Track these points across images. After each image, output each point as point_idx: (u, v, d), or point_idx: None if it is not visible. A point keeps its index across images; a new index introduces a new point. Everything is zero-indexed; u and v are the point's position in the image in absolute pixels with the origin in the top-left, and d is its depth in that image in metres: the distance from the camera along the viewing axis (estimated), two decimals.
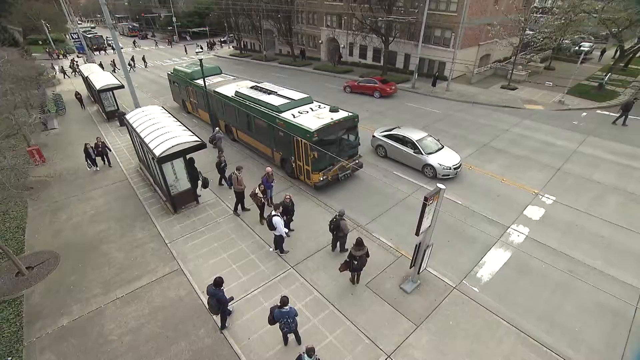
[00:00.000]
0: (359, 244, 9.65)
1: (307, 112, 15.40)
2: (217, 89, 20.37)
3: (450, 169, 15.88)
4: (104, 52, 61.97)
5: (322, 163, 14.58)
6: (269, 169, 13.71)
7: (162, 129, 14.06)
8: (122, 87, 25.02)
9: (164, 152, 12.55)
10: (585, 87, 30.54)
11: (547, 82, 31.87)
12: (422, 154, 16.49)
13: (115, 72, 45.48)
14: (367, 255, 9.85)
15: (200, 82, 21.67)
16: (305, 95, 16.97)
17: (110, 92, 25.25)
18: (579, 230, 12.93)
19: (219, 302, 8.84)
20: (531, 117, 24.47)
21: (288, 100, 16.21)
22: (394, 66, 37.96)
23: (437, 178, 16.06)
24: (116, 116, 24.75)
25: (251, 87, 19.09)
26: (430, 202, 8.34)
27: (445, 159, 16.26)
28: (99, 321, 9.84)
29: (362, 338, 9.13)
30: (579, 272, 11.03)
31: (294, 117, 14.95)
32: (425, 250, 9.51)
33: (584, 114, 25.28)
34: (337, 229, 11.12)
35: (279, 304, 7.87)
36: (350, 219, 13.18)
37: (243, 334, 9.27)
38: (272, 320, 8.01)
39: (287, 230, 11.68)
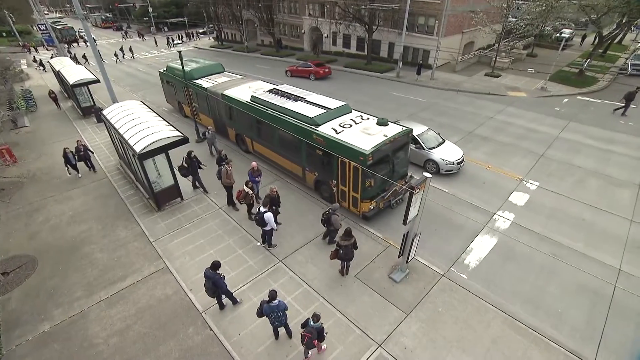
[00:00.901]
0: (348, 234, 9.79)
1: (350, 125, 13.10)
2: (225, 92, 17.70)
3: (453, 163, 15.61)
4: (84, 44, 59.91)
5: (375, 189, 12.45)
6: (254, 163, 13.67)
7: (142, 124, 13.79)
8: (97, 81, 24.23)
9: (144, 148, 12.33)
10: (566, 73, 31.32)
11: (529, 68, 32.52)
12: (423, 148, 16.09)
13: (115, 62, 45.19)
14: (355, 247, 9.99)
15: (201, 82, 19.86)
16: (342, 103, 14.50)
17: (85, 87, 24.45)
18: (561, 214, 13.40)
19: (214, 285, 8.96)
20: (514, 104, 25.00)
21: (324, 111, 13.77)
22: (378, 55, 38.07)
23: (440, 174, 15.79)
24: (92, 112, 24.07)
25: (269, 91, 16.44)
26: (417, 190, 8.50)
27: (447, 153, 15.92)
28: (83, 324, 9.72)
29: (353, 329, 9.31)
30: (561, 255, 11.48)
31: (336, 132, 12.62)
32: (413, 239, 9.69)
33: (566, 100, 25.97)
34: (328, 222, 11.26)
35: (267, 299, 7.94)
36: (341, 213, 13.21)
37: (233, 330, 9.33)
38: (260, 313, 8.09)
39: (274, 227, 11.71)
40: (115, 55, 46.38)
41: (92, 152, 17.62)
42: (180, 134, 13.49)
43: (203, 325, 9.52)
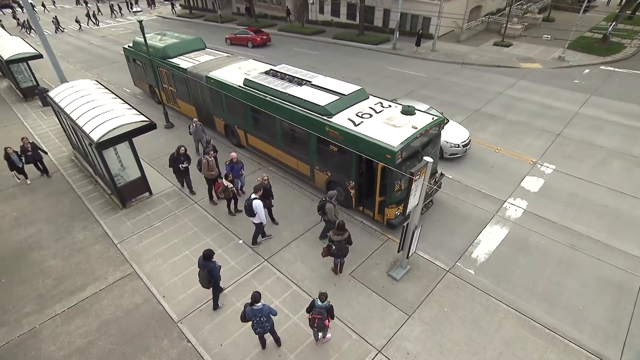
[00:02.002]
0: (340, 228, 9.96)
1: (370, 115, 12.55)
2: (211, 74, 16.97)
3: (458, 146, 15.94)
4: (43, 9, 58.09)
5: (403, 192, 11.82)
6: (233, 154, 13.52)
7: (99, 107, 13.68)
8: (39, 56, 23.66)
9: (103, 135, 12.20)
10: (588, 39, 31.78)
11: (545, 35, 32.88)
12: None
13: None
14: (349, 242, 10.21)
15: (178, 61, 19.10)
16: (358, 88, 13.82)
17: (24, 64, 23.79)
18: (581, 201, 13.81)
19: (210, 274, 9.19)
20: (528, 77, 25.44)
21: (336, 97, 13.15)
22: (372, 24, 38.11)
23: (444, 158, 16.04)
24: (36, 94, 23.61)
25: (266, 73, 15.77)
26: (417, 177, 8.70)
27: (452, 135, 16.13)
28: (34, 344, 9.63)
29: (350, 333, 9.55)
30: (581, 246, 11.79)
31: (355, 124, 12.05)
32: (414, 232, 9.88)
33: (587, 70, 26.50)
34: (322, 210, 11.43)
35: (250, 301, 8.15)
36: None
37: (214, 341, 9.48)
38: (244, 317, 8.30)
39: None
40: (77, 22, 45.42)
41: (46, 152, 16.54)
42: (146, 119, 13.44)
43: (179, 337, 9.63)
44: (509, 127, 19.03)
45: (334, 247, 10.15)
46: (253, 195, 11.11)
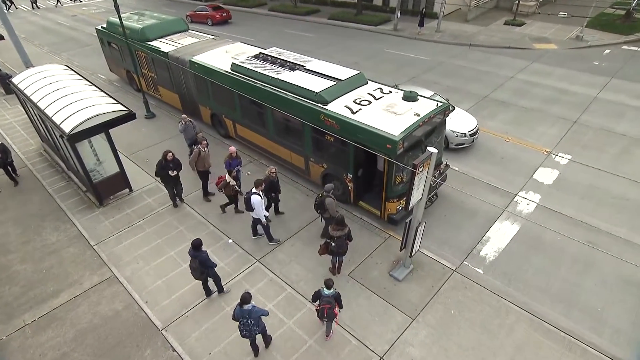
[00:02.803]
0: (340, 223, 10.06)
1: (369, 101, 12.68)
2: (195, 58, 17.07)
3: (465, 135, 16.14)
4: None
5: (405, 185, 11.97)
6: (232, 148, 13.45)
7: (71, 95, 13.67)
8: (0, 38, 23.56)
9: (76, 127, 12.20)
10: (609, 16, 31.89)
11: (561, 12, 33.01)
12: None
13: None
14: (349, 238, 10.33)
15: (159, 45, 19.14)
16: (355, 72, 14.03)
17: None
18: (599, 194, 13.99)
19: (202, 265, 9.43)
20: (541, 60, 25.66)
21: (332, 83, 13.29)
22: (371, 3, 38.07)
23: (450, 148, 16.17)
24: None
25: (255, 57, 15.90)
26: (420, 169, 8.82)
27: (458, 123, 16.32)
28: (0, 358, 9.68)
29: (349, 339, 9.68)
30: (600, 243, 11.96)
31: (352, 112, 12.18)
32: (417, 229, 10.01)
33: (607, 51, 26.74)
34: (321, 207, 11.50)
35: (239, 302, 8.24)
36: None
37: (202, 349, 9.56)
38: (234, 316, 8.42)
39: (267, 214, 11.97)
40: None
41: (11, 161, 15.53)
42: (125, 108, 13.46)
43: (164, 346, 9.70)
44: (521, 114, 19.21)
45: (333, 244, 10.23)
46: (253, 190, 11.24)
